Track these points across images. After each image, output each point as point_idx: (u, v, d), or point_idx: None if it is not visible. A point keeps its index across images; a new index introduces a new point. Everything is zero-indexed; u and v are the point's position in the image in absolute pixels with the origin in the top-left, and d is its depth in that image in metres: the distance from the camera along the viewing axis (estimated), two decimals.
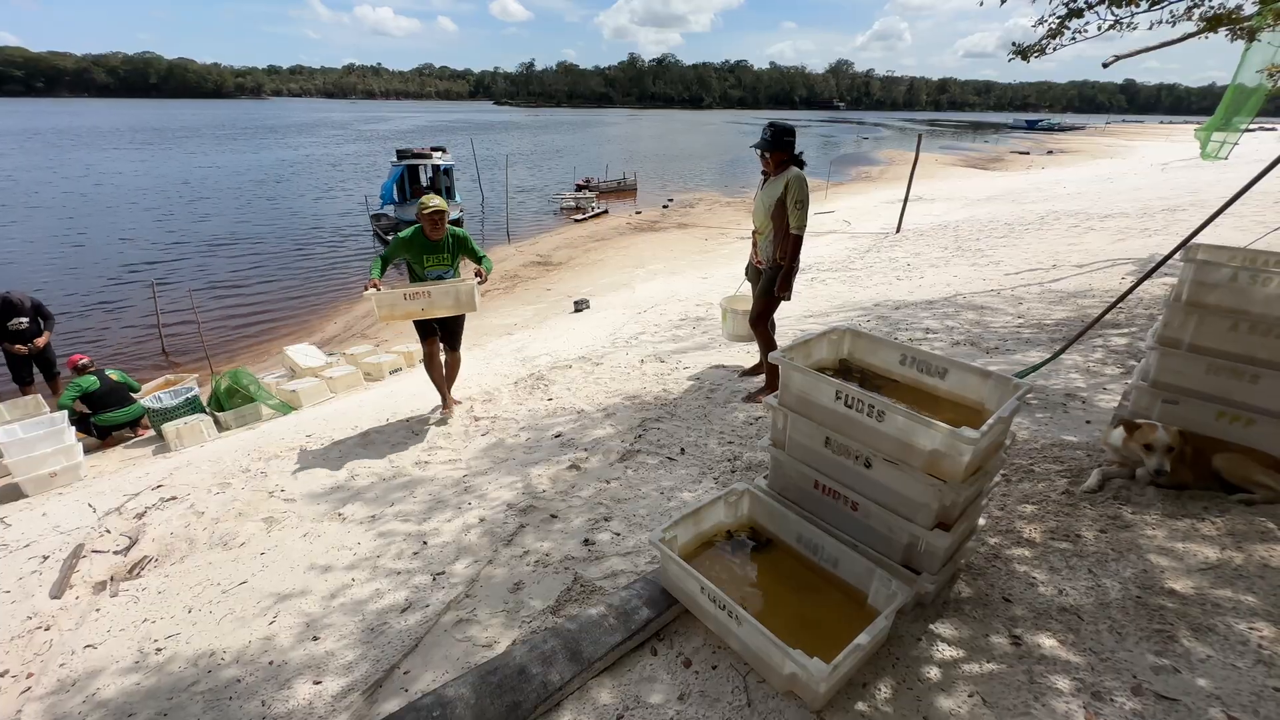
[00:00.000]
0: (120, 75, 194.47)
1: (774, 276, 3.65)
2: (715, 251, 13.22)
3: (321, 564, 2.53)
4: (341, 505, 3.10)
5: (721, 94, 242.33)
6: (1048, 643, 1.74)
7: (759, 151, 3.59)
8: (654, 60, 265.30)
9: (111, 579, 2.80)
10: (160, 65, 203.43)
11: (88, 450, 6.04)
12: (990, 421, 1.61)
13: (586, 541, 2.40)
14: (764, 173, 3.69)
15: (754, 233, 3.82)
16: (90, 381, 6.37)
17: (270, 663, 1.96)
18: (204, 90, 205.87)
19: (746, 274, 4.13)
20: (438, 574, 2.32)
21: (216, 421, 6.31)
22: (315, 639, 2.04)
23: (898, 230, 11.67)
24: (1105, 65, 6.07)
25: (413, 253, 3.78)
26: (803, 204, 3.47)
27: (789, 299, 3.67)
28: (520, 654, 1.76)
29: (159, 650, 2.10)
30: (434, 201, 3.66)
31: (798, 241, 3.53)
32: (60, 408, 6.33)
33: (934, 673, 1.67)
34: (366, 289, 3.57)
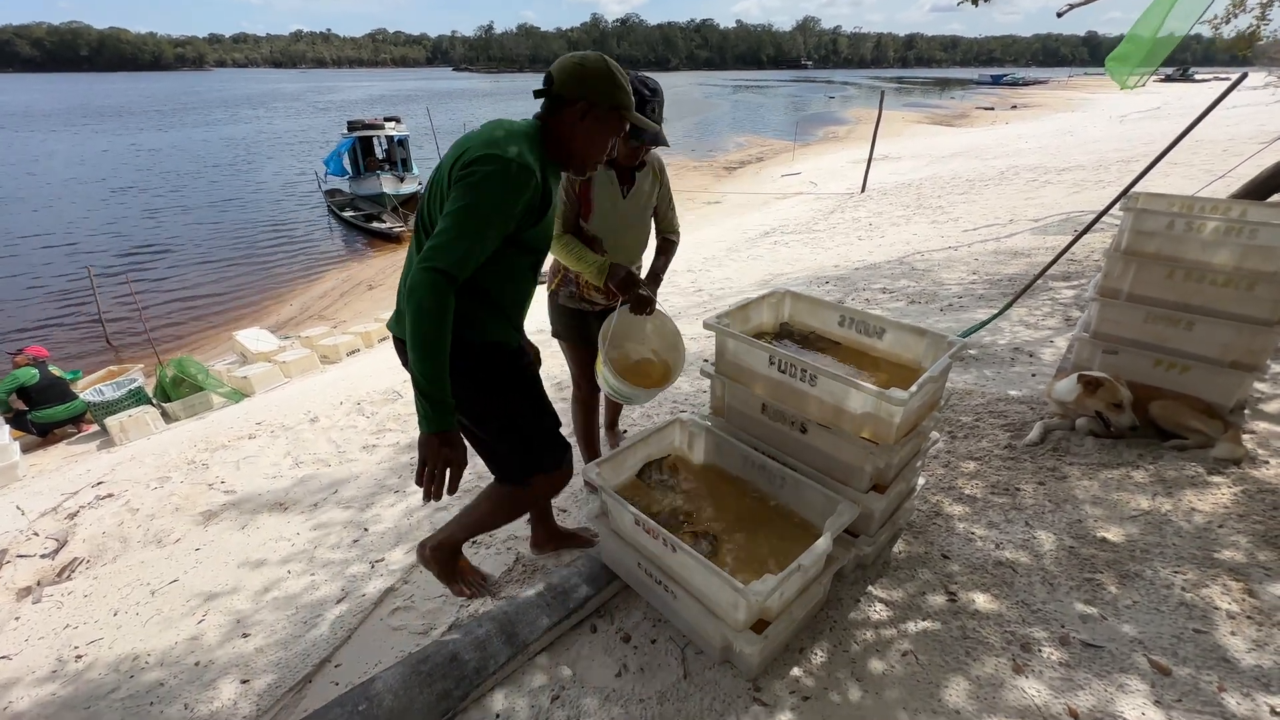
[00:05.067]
0: (47, 48, 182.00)
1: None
2: (682, 216, 13.01)
3: (256, 558, 2.44)
4: (284, 495, 2.99)
5: (688, 54, 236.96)
6: (981, 598, 1.75)
7: (639, 143, 1.94)
8: (618, 20, 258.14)
9: (38, 583, 2.67)
10: (91, 36, 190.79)
11: (27, 449, 5.77)
12: (920, 381, 1.57)
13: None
14: (616, 166, 2.03)
15: (600, 267, 1.95)
16: (29, 375, 6.05)
17: (196, 663, 1.88)
18: (141, 62, 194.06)
19: (585, 327, 2.21)
20: (376, 561, 2.25)
21: (164, 413, 6.08)
22: (244, 636, 1.96)
23: (862, 190, 11.62)
24: (1059, 15, 5.99)
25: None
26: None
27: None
28: (453, 641, 1.71)
29: (79, 657, 2.00)
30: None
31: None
32: None
33: (869, 634, 1.67)
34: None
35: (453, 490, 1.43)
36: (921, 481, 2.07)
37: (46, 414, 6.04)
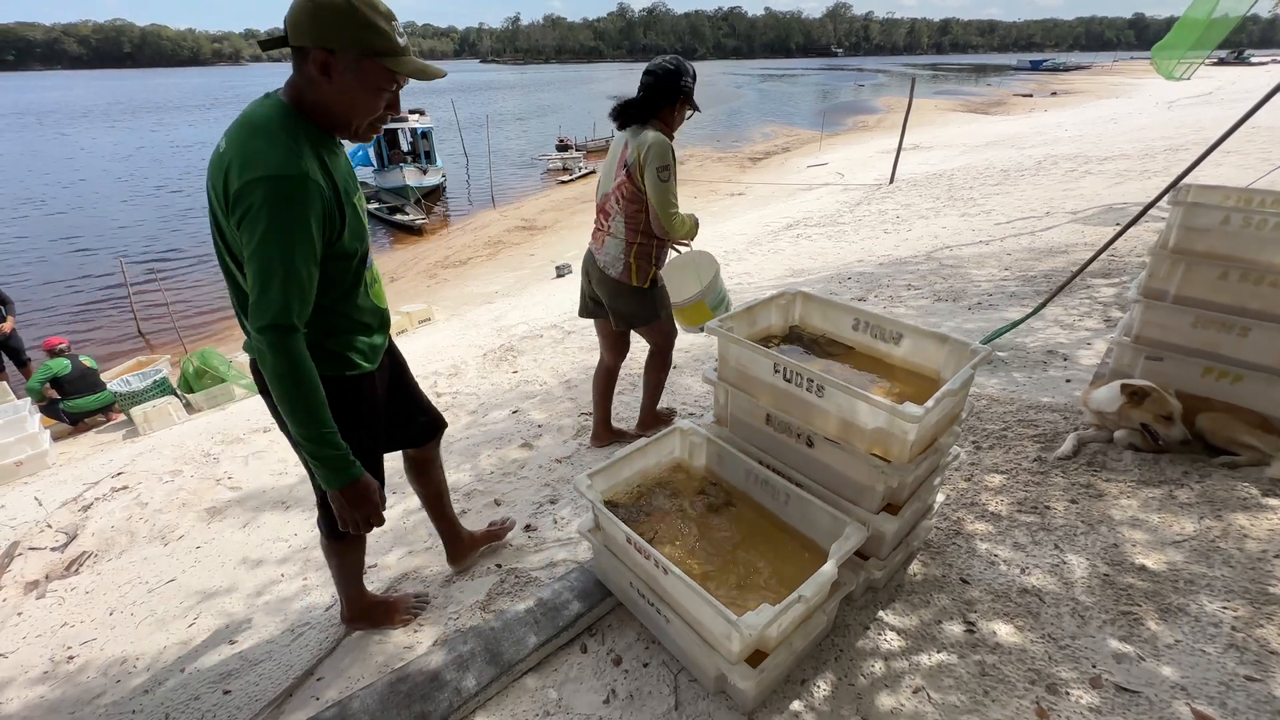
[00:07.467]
0: (92, 45, 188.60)
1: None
2: (704, 209, 12.83)
3: (254, 558, 2.41)
4: (286, 493, 2.97)
5: (715, 43, 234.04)
6: (1004, 629, 1.60)
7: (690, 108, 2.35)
8: (644, 10, 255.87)
9: (45, 578, 2.69)
10: (133, 33, 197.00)
11: (58, 437, 5.94)
12: (937, 395, 1.43)
13: (528, 528, 2.27)
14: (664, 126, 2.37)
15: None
16: (61, 365, 6.21)
17: (182, 670, 1.85)
18: (180, 58, 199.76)
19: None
20: (369, 566, 2.19)
21: (187, 404, 6.19)
22: (232, 642, 1.93)
23: (891, 181, 11.26)
24: None
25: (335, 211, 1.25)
26: None
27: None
28: (435, 659, 1.64)
29: (71, 658, 1.99)
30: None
31: None
32: (28, 391, 6.20)
33: (878, 666, 1.54)
34: None
35: (378, 523, 1.43)
36: (940, 498, 1.93)
37: (77, 404, 6.19)
